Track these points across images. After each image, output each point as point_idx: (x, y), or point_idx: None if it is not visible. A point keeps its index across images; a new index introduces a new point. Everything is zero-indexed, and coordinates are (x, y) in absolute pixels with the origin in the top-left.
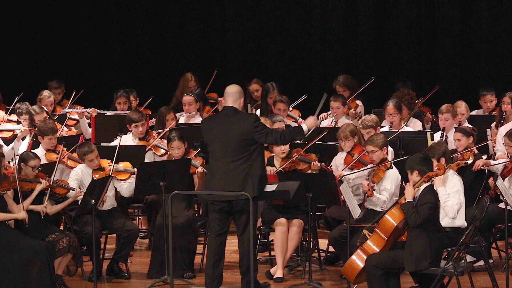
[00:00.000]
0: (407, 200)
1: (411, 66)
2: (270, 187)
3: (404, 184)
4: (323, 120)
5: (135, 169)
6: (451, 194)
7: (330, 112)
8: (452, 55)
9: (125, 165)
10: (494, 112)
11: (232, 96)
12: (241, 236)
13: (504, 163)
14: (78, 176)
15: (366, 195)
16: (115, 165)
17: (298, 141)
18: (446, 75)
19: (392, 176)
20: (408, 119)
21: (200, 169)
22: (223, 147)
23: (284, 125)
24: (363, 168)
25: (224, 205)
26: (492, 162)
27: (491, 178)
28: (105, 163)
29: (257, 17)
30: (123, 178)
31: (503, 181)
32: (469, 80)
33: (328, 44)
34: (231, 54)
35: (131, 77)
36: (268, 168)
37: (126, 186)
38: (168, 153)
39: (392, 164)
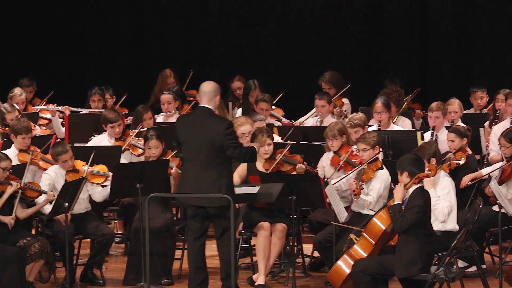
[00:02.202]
0: (395, 203)
1: (401, 62)
2: (253, 189)
3: (393, 186)
4: (303, 122)
5: (111, 174)
6: (441, 196)
7: (313, 110)
8: (444, 52)
9: (100, 168)
10: (485, 109)
11: (207, 95)
12: (219, 241)
13: (501, 167)
14: (51, 179)
15: (354, 194)
16: (90, 167)
17: (281, 141)
18: (438, 72)
19: (382, 177)
20: (397, 117)
21: (174, 170)
22: (194, 150)
23: (265, 124)
24: (352, 171)
25: (198, 209)
26: (484, 171)
27: (488, 187)
28: (79, 164)
29: (240, 12)
30: (97, 182)
31: (502, 186)
32: (461, 77)
33: (315, 40)
34: (213, 50)
35: (108, 74)
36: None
37: (99, 191)
38: (146, 154)
39: (383, 164)
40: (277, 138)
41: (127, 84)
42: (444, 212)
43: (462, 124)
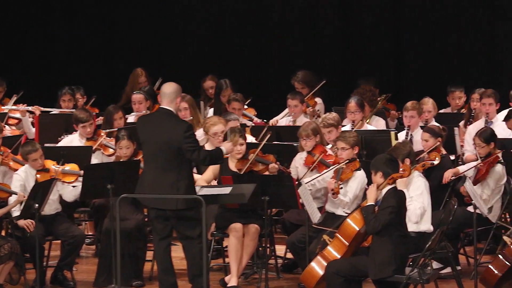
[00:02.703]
0: (368, 204)
1: (376, 61)
2: (225, 190)
3: (367, 187)
4: (274, 125)
5: (82, 172)
6: (414, 197)
7: (287, 110)
8: (419, 49)
9: (72, 167)
10: (463, 109)
11: (168, 96)
12: (183, 243)
13: (476, 167)
14: (22, 180)
15: (332, 192)
16: (61, 167)
17: (254, 141)
18: (413, 71)
19: (359, 178)
20: (370, 117)
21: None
22: (152, 152)
23: (239, 124)
24: (330, 169)
25: (159, 211)
26: (461, 169)
27: (463, 187)
28: (50, 164)
29: (212, 9)
30: (69, 181)
31: (476, 186)
32: (437, 77)
33: (288, 38)
34: (185, 48)
35: (79, 73)
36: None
37: (70, 190)
38: (117, 153)
39: (360, 165)
40: (250, 138)
41: (98, 84)
42: (416, 213)
43: (437, 124)
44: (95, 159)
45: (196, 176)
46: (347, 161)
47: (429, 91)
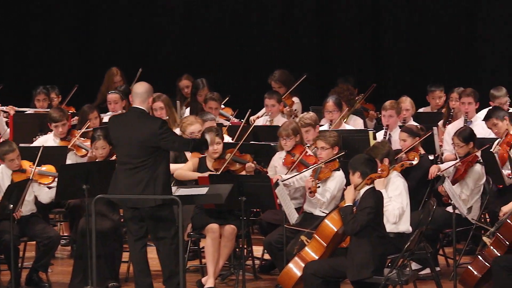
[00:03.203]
0: (346, 204)
1: (354, 60)
2: (201, 190)
3: (345, 188)
4: (253, 122)
5: None
6: (392, 197)
7: (264, 110)
8: (398, 48)
9: (48, 168)
10: (443, 109)
11: (139, 96)
12: (156, 244)
13: (455, 166)
14: None
15: (309, 191)
16: (37, 168)
17: (231, 141)
18: (392, 70)
19: (338, 178)
20: (347, 116)
21: None
22: (126, 152)
23: (215, 124)
24: (308, 168)
25: (134, 211)
26: (442, 166)
27: (441, 186)
28: (26, 164)
29: (188, 8)
30: (45, 182)
31: (455, 186)
32: (416, 76)
33: (264, 37)
34: (160, 47)
35: (53, 72)
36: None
37: (46, 192)
38: (89, 154)
39: (339, 166)
40: (227, 138)
41: (73, 83)
42: (395, 213)
43: (415, 123)
44: (68, 160)
45: (175, 166)
46: (328, 160)
47: (408, 90)
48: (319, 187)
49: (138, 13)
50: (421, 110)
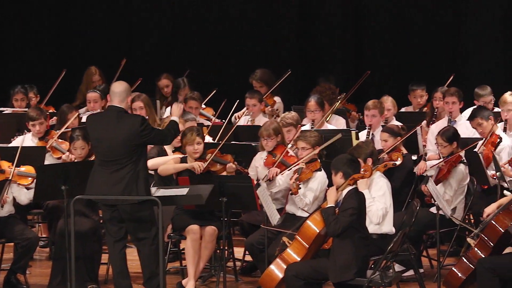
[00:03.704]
0: (328, 205)
1: (336, 59)
2: (181, 191)
3: (327, 188)
4: (237, 119)
5: None
6: (376, 198)
7: (245, 109)
8: (380, 47)
9: (27, 169)
10: (425, 108)
11: (118, 95)
12: (136, 245)
13: (438, 166)
14: None
15: (290, 192)
16: (16, 168)
17: (212, 141)
18: (374, 69)
19: (320, 179)
20: (329, 116)
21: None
22: (106, 152)
23: (196, 124)
24: (290, 168)
25: (114, 212)
26: (428, 164)
27: (424, 185)
28: (5, 165)
29: (168, 5)
30: (24, 183)
31: (438, 186)
32: (398, 75)
33: (245, 35)
34: (139, 46)
35: (32, 72)
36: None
37: (25, 192)
38: (63, 157)
39: (321, 166)
40: (208, 138)
41: (52, 83)
42: (378, 214)
43: (397, 123)
44: (47, 161)
45: (157, 161)
46: (309, 160)
47: (390, 89)
48: (300, 188)
49: (117, 12)
50: (403, 109)
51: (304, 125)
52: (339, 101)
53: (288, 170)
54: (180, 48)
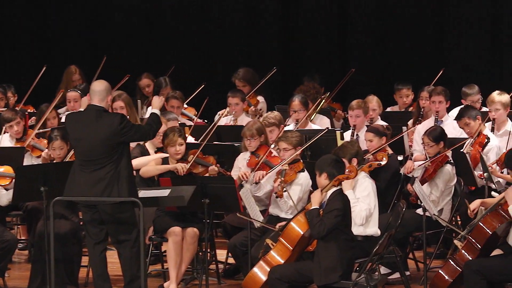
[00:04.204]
0: (312, 207)
1: (320, 58)
2: (163, 192)
3: (311, 189)
4: (221, 117)
5: None
6: (360, 198)
7: (228, 108)
8: (364, 45)
9: (6, 169)
10: (411, 108)
11: (98, 94)
12: (117, 247)
13: (425, 166)
14: None
15: (275, 195)
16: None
17: (194, 141)
18: (359, 68)
19: (303, 180)
20: (313, 115)
21: None
22: (86, 152)
23: (178, 124)
24: (272, 169)
25: (94, 213)
26: (416, 164)
27: (409, 185)
28: None
29: (148, 5)
30: (3, 184)
31: (423, 186)
32: (384, 74)
33: (228, 34)
34: (120, 45)
35: (9, 71)
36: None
37: (5, 194)
38: (43, 155)
39: (304, 166)
40: (190, 139)
41: (30, 82)
42: (361, 215)
43: (382, 122)
44: (26, 162)
45: (140, 161)
46: (291, 161)
47: (375, 88)
48: (285, 191)
49: (96, 11)
50: (388, 109)
51: (287, 125)
52: (324, 100)
53: (271, 172)
54: (162, 47)
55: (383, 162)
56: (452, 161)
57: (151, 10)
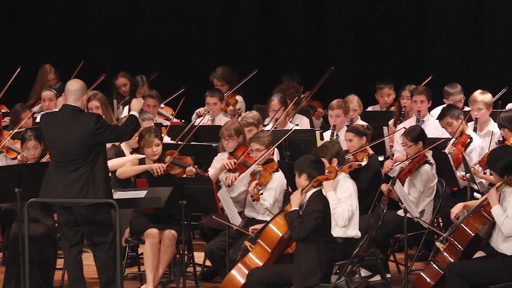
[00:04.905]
0: (292, 208)
1: (300, 56)
2: (139, 194)
3: (290, 190)
4: (199, 116)
5: None
6: (342, 199)
7: (206, 108)
8: (346, 43)
9: None
10: (392, 107)
11: (73, 94)
12: (93, 249)
13: (402, 166)
14: None
15: (252, 199)
16: None
17: (171, 141)
18: (339, 66)
19: (278, 180)
20: (293, 115)
21: None
22: (61, 152)
23: (153, 124)
24: (247, 172)
25: (69, 215)
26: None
27: (384, 184)
28: None
29: (124, 4)
30: None
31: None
32: (365, 72)
33: (206, 33)
34: (96, 44)
35: None
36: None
37: None
38: (18, 157)
39: (278, 166)
40: (166, 139)
41: (4, 81)
42: (344, 216)
43: (362, 122)
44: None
45: (115, 162)
46: (265, 162)
47: (356, 87)
48: (261, 194)
49: (72, 8)
50: (369, 108)
51: (266, 125)
52: (303, 100)
53: (244, 173)
54: (139, 47)
55: (364, 163)
56: (431, 161)
57: (129, 9)
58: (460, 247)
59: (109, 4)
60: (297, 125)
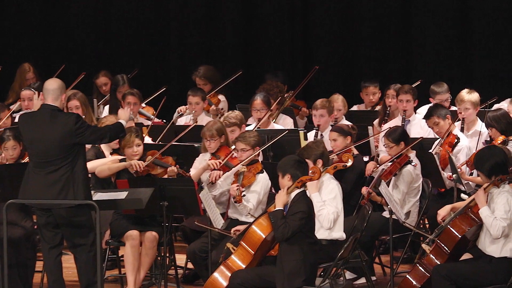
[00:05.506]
0: (276, 208)
1: (283, 55)
2: (120, 195)
3: (274, 191)
4: (180, 113)
5: None
6: (327, 201)
7: (187, 107)
8: (329, 42)
9: None
10: (378, 106)
11: (52, 93)
12: (73, 251)
13: (384, 168)
14: None
15: (234, 200)
16: None
17: (152, 142)
18: (323, 65)
19: (262, 182)
20: (277, 115)
21: None
22: (41, 152)
23: (134, 124)
24: (231, 172)
25: (49, 217)
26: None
27: (365, 187)
28: None
29: (105, 3)
30: None
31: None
32: (349, 71)
33: (188, 31)
34: (76, 42)
35: None
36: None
37: None
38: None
39: (263, 167)
40: (147, 139)
41: None
42: (329, 218)
43: (347, 122)
44: None
45: (95, 163)
46: (250, 162)
47: (341, 86)
48: (244, 195)
49: (50, 8)
50: (354, 107)
51: (249, 124)
52: (287, 99)
53: (228, 172)
54: (121, 46)
55: (349, 164)
56: (413, 162)
57: (110, 7)
58: (446, 249)
59: (89, 1)
60: (286, 130)
